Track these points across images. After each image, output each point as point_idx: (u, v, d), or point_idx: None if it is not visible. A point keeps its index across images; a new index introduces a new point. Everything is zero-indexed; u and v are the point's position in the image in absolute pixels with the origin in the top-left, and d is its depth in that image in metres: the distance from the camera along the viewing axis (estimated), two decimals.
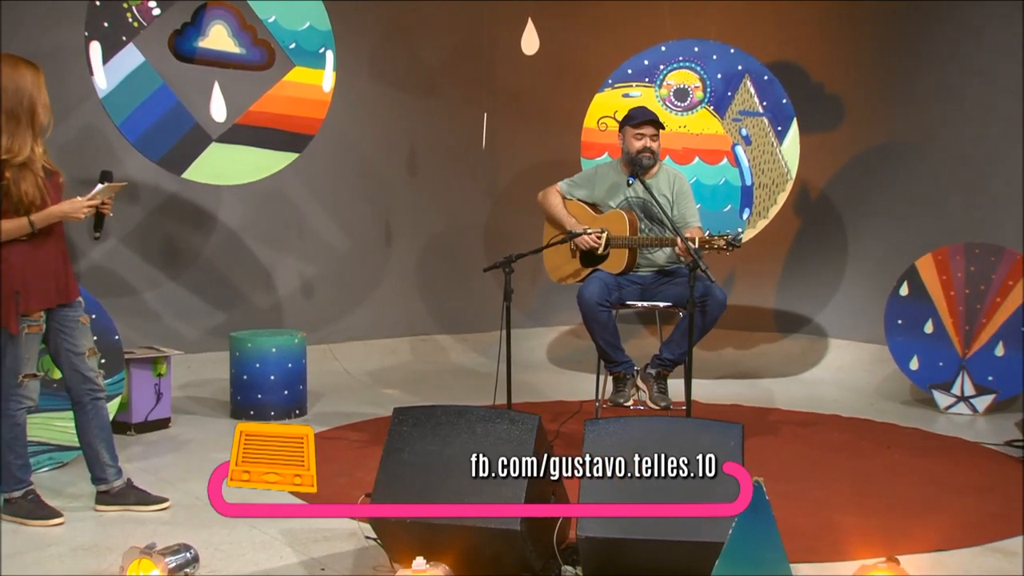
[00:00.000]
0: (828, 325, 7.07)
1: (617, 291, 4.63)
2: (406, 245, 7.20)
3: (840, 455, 4.65)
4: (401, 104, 7.07)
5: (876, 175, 6.85)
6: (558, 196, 4.94)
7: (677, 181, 4.86)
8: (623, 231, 4.67)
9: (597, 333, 4.55)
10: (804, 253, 7.22)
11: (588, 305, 4.50)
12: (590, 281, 4.58)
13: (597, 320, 4.52)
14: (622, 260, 4.67)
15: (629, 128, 4.81)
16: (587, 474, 2.91)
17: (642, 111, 4.88)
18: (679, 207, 4.80)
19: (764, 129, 6.14)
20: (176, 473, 4.19)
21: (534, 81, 7.47)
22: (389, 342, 7.03)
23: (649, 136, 4.77)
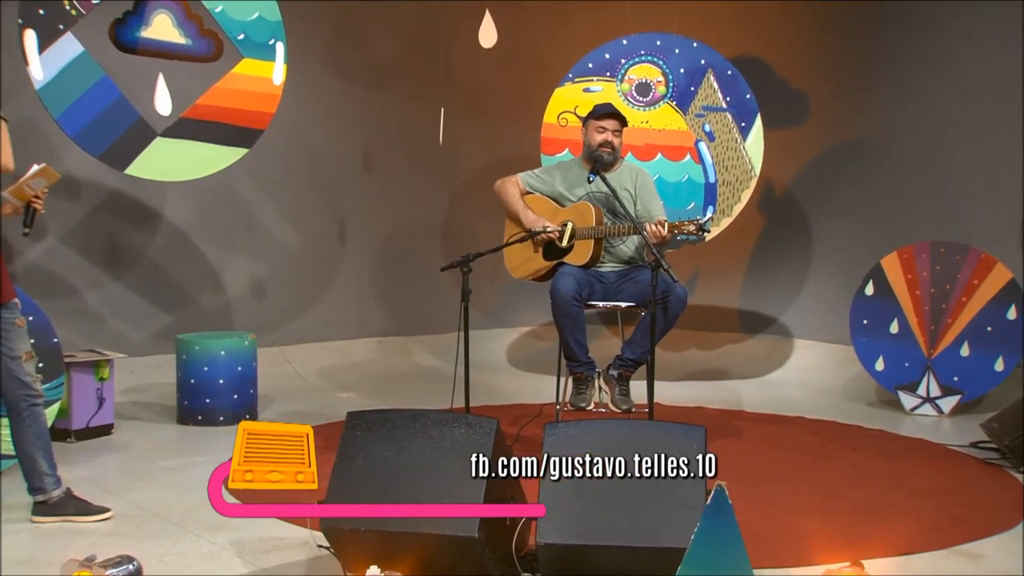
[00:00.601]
0: (793, 325, 7.13)
1: (588, 287, 4.64)
2: (361, 244, 7.17)
3: (805, 457, 4.69)
4: (355, 98, 7.03)
5: (841, 172, 6.93)
6: (516, 188, 4.92)
7: (640, 176, 4.89)
8: (589, 221, 4.69)
9: (567, 329, 4.54)
10: (769, 252, 7.28)
11: (563, 299, 4.48)
12: (563, 275, 4.57)
13: (569, 315, 4.51)
14: (587, 251, 4.68)
15: (592, 121, 4.84)
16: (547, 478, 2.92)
17: (606, 106, 4.93)
18: (643, 201, 4.82)
19: (728, 125, 6.18)
20: (119, 482, 4.13)
21: (492, 75, 7.46)
22: (343, 344, 6.99)
23: (611, 131, 4.80)
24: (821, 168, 7.03)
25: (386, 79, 7.20)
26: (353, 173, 7.10)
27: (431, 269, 5.92)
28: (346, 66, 6.98)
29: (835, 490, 4.14)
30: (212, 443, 4.83)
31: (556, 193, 4.90)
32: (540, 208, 4.87)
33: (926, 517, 3.78)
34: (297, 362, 6.63)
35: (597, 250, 4.70)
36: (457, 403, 4.37)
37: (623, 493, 2.94)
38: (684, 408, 5.74)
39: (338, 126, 7.00)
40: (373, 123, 7.14)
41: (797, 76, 7.05)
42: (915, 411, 5.75)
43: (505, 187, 4.94)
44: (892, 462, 4.63)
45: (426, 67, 7.25)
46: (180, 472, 4.31)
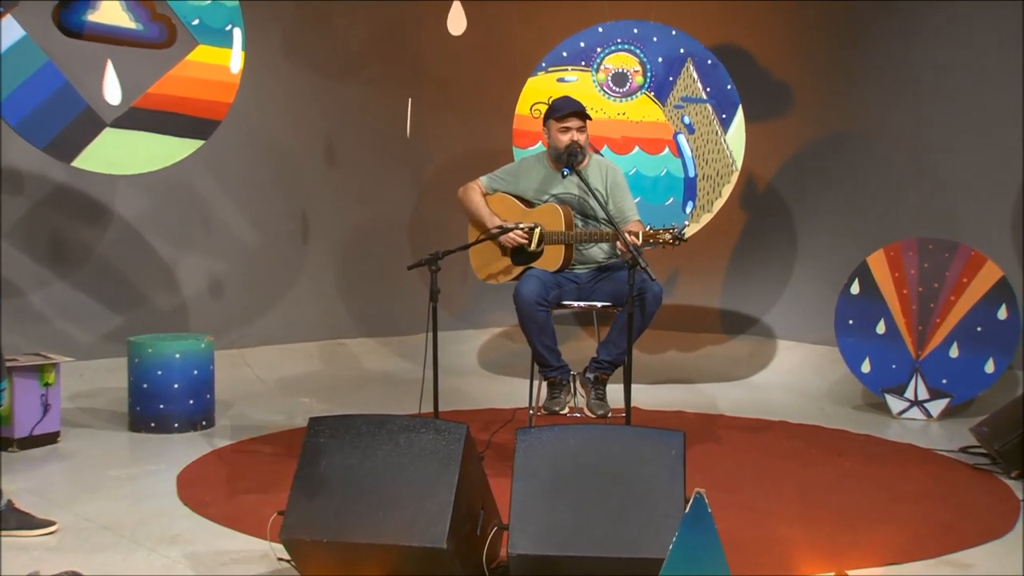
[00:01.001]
0: (776, 326, 7.17)
1: (555, 289, 4.63)
2: (324, 241, 7.14)
3: (788, 463, 4.71)
4: (318, 88, 7.00)
5: (826, 166, 6.97)
6: (479, 192, 4.90)
7: (610, 173, 4.85)
8: (558, 225, 4.67)
9: (534, 335, 4.55)
10: (751, 249, 7.31)
11: (526, 304, 4.49)
12: (527, 279, 4.58)
13: (535, 321, 4.52)
14: (558, 257, 4.68)
15: (553, 122, 4.78)
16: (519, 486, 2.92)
17: (565, 101, 4.83)
18: (615, 200, 4.81)
19: (708, 117, 6.21)
20: (65, 493, 4.09)
21: (462, 64, 7.45)
22: (306, 346, 6.97)
23: (576, 129, 4.74)
24: (805, 162, 7.07)
25: (350, 68, 7.17)
26: (316, 167, 7.07)
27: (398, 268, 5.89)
28: (308, 54, 6.94)
29: (820, 497, 4.16)
30: (166, 451, 4.79)
31: (521, 193, 4.88)
32: (504, 208, 4.85)
33: (914, 525, 3.80)
34: (257, 365, 6.59)
35: (568, 255, 4.70)
36: (425, 408, 4.36)
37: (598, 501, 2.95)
38: (662, 412, 5.75)
39: (300, 117, 6.97)
40: (337, 114, 7.12)
41: (780, 66, 7.08)
42: (903, 415, 5.79)
43: (467, 193, 4.92)
44: (879, 468, 4.66)
45: (393, 55, 7.22)
46: (131, 482, 4.27)
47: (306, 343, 6.99)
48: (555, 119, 4.77)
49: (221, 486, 4.20)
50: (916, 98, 6.53)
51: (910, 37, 6.54)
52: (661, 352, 7.08)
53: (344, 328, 7.22)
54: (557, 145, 4.77)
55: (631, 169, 6.08)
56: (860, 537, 3.64)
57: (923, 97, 6.51)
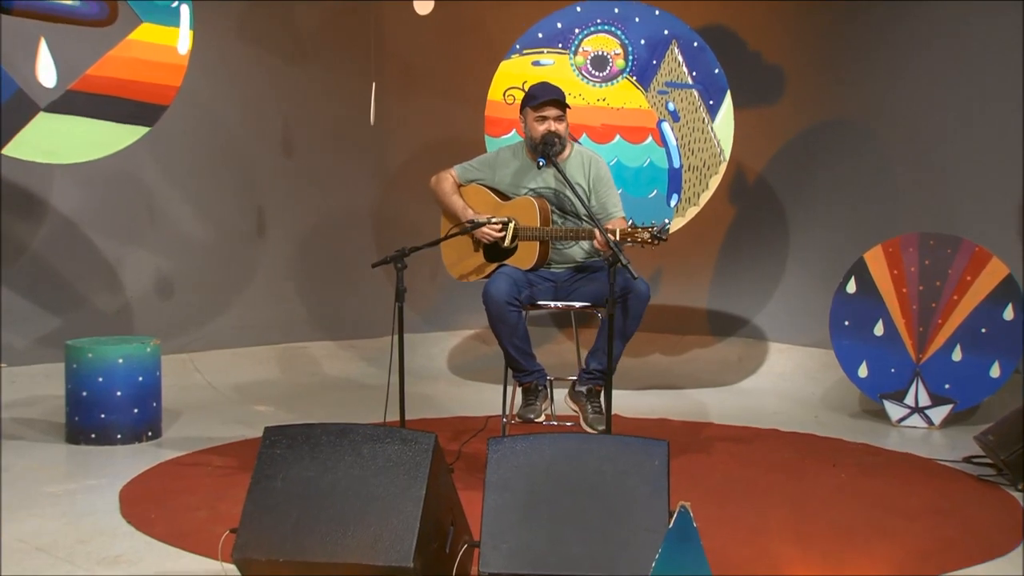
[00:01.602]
0: (767, 327, 7.19)
1: (528, 288, 4.63)
2: (281, 236, 7.12)
3: (779, 475, 4.73)
4: (273, 70, 6.97)
5: (820, 157, 6.99)
6: (452, 183, 4.92)
7: (593, 165, 4.85)
8: (533, 220, 4.67)
9: (505, 337, 4.56)
10: (740, 245, 7.33)
11: (495, 304, 4.49)
12: (496, 277, 4.58)
13: (505, 322, 4.52)
14: (532, 254, 4.68)
15: (529, 111, 4.78)
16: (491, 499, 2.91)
17: (543, 88, 4.83)
18: (597, 195, 4.81)
19: (694, 103, 6.22)
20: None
21: (430, 46, 7.43)
22: (261, 350, 6.94)
23: (553, 118, 4.74)
24: (798, 152, 7.09)
25: (309, 49, 7.14)
26: (272, 156, 7.05)
27: (361, 265, 5.90)
28: (263, 34, 6.91)
29: (813, 511, 4.17)
30: (107, 465, 4.75)
31: (496, 185, 4.89)
32: (478, 201, 4.86)
33: (915, 540, 3.82)
34: (208, 371, 6.57)
35: (544, 252, 4.70)
36: (391, 416, 4.36)
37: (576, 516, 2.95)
38: (645, 420, 5.76)
39: (254, 102, 6.94)
40: (294, 99, 7.09)
41: (772, 49, 7.11)
42: (902, 422, 5.82)
43: (439, 184, 4.93)
44: (877, 479, 4.68)
45: (355, 36, 7.20)
46: (70, 499, 4.24)
47: (262, 347, 6.96)
48: (531, 107, 4.77)
49: (168, 502, 4.17)
50: (918, 83, 6.56)
51: (912, 19, 6.57)
52: (644, 356, 7.09)
53: (303, 331, 7.20)
54: (533, 135, 4.76)
55: (611, 159, 6.09)
56: (856, 554, 3.65)
57: (925, 82, 6.53)
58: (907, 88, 6.60)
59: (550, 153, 4.70)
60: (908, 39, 6.59)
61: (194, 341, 6.67)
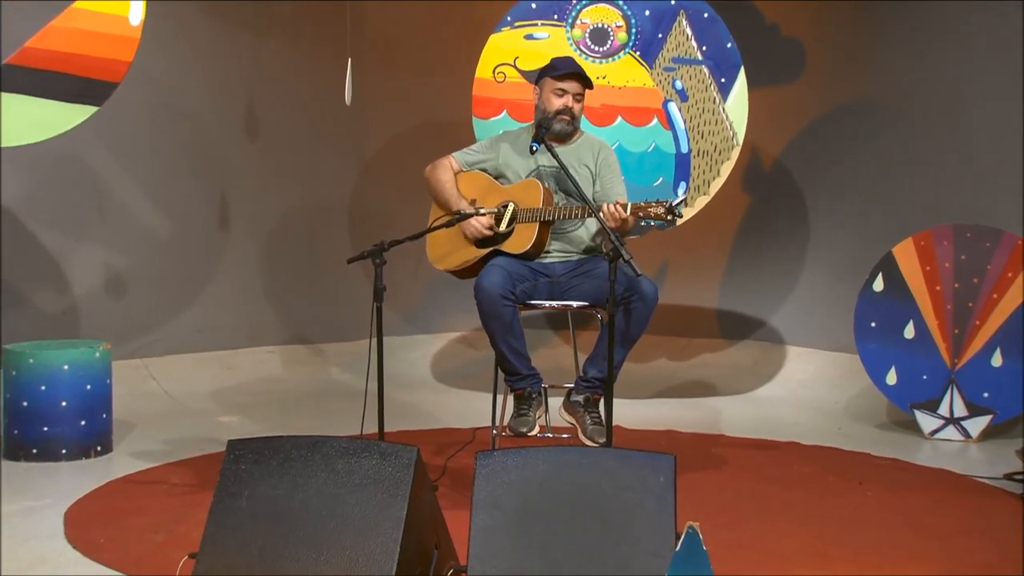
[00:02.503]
0: (785, 329, 7.20)
1: (524, 282, 4.64)
2: (247, 228, 7.11)
3: (799, 493, 4.73)
4: (238, 44, 6.97)
5: (844, 141, 7.00)
6: (449, 170, 4.96)
7: (603, 151, 4.93)
8: (535, 202, 4.69)
9: (499, 335, 4.57)
10: (755, 239, 7.34)
11: (489, 298, 4.50)
12: (489, 269, 4.59)
13: (500, 318, 4.53)
14: (528, 237, 4.69)
15: (549, 80, 4.85)
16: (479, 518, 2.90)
17: (567, 62, 4.94)
18: (603, 181, 4.87)
19: (704, 81, 6.22)
20: None
21: (412, 18, 7.43)
22: (224, 355, 6.95)
23: (573, 95, 4.83)
24: (819, 135, 7.10)
25: (278, 21, 7.13)
26: (236, 140, 7.04)
27: (336, 261, 5.88)
28: (226, 3, 6.90)
29: (836, 533, 4.17)
30: (51, 483, 4.73)
31: (500, 168, 4.92)
32: (473, 186, 4.88)
33: (949, 566, 3.81)
34: (165, 378, 6.56)
35: (543, 235, 4.71)
36: (369, 428, 4.35)
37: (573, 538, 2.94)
38: (650, 432, 5.76)
39: (216, 80, 6.93)
40: (261, 76, 7.09)
41: (790, 21, 7.11)
42: (936, 435, 5.82)
43: (435, 171, 4.98)
44: (907, 498, 4.68)
45: (328, 7, 7.19)
46: (8, 521, 4.21)
47: (225, 351, 6.97)
48: (552, 77, 4.84)
49: (119, 525, 4.15)
50: (952, 60, 6.56)
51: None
52: (649, 360, 7.09)
53: (271, 333, 7.20)
54: (547, 108, 4.84)
55: (613, 143, 6.06)
56: None
57: (960, 59, 6.52)
58: (940, 65, 6.60)
59: (550, 130, 4.76)
60: (941, 12, 6.58)
61: (149, 345, 6.66)
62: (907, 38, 6.73)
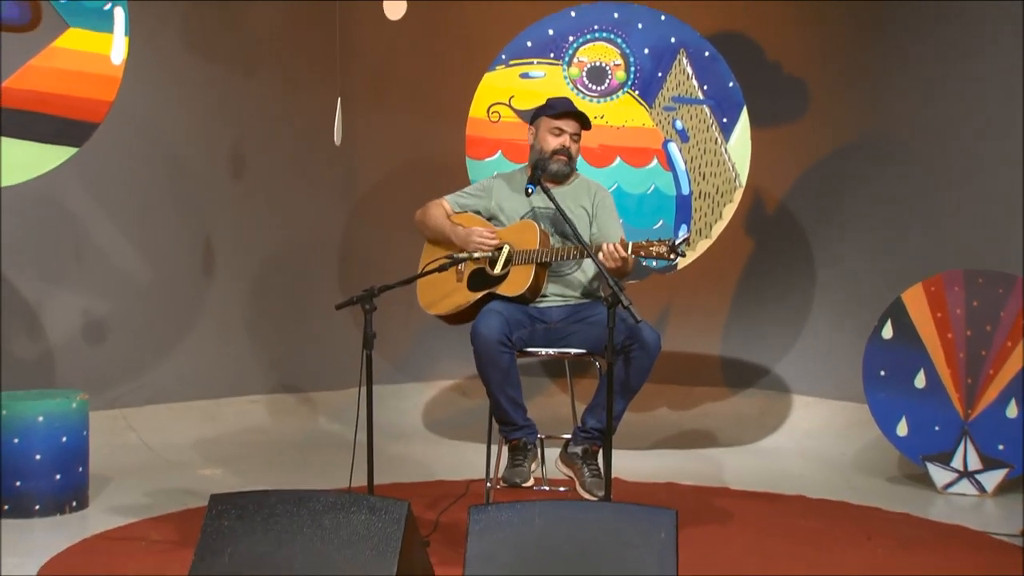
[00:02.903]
0: (791, 378, 7.19)
1: (522, 328, 4.65)
2: (231, 273, 7.11)
3: (806, 548, 4.71)
4: (223, 82, 6.99)
5: (851, 182, 7.01)
6: (442, 208, 5.02)
7: (599, 193, 5.00)
8: (532, 244, 4.72)
9: (495, 383, 4.57)
10: (759, 283, 7.34)
11: (486, 344, 4.52)
12: (486, 314, 4.61)
13: (497, 365, 4.54)
14: (524, 279, 4.71)
15: (546, 119, 4.94)
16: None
17: (565, 101, 5.02)
18: (600, 223, 4.92)
19: (705, 121, 6.25)
20: None
21: (403, 56, 7.45)
22: (207, 405, 6.92)
23: (570, 134, 4.90)
24: (825, 175, 7.12)
25: (264, 57, 7.16)
26: (221, 180, 7.04)
27: (324, 307, 5.88)
28: (211, 40, 6.93)
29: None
30: (24, 541, 4.71)
31: (494, 211, 4.97)
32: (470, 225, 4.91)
33: None
34: (144, 429, 6.54)
35: (539, 278, 4.74)
36: (358, 480, 4.34)
37: None
38: (650, 484, 5.75)
39: (200, 118, 6.95)
40: (247, 115, 7.10)
41: (793, 59, 7.15)
42: (949, 489, 5.81)
43: (428, 211, 5.04)
44: (919, 555, 4.67)
45: (318, 43, 7.21)
46: None
47: (207, 401, 6.95)
48: (549, 116, 4.92)
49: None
50: (963, 96, 6.57)
51: (956, 21, 6.56)
52: (649, 410, 7.07)
53: (256, 382, 7.18)
54: (543, 147, 4.91)
55: (611, 185, 6.10)
56: None
57: (972, 95, 6.53)
58: (951, 102, 6.62)
59: (547, 171, 4.80)
60: (952, 45, 6.59)
61: (128, 394, 6.64)
62: (915, 72, 6.76)
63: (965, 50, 6.55)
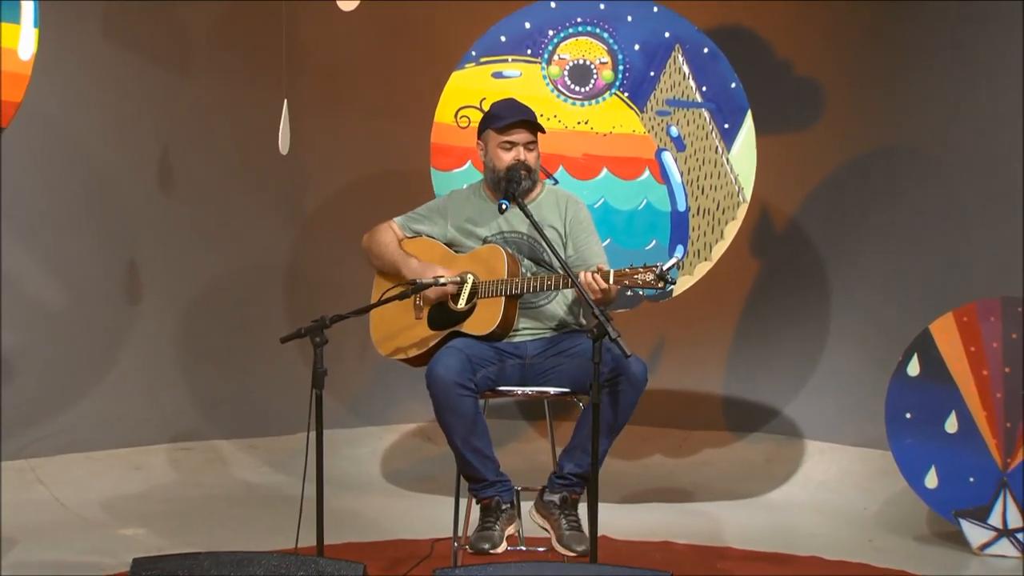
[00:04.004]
0: (803, 420, 7.19)
1: (486, 367, 4.63)
2: (160, 301, 7.10)
3: None
4: (152, 82, 6.99)
5: (870, 197, 7.04)
6: (391, 233, 4.99)
7: (570, 207, 4.95)
8: (498, 272, 4.69)
9: (457, 433, 4.57)
10: (766, 312, 7.36)
11: (443, 387, 4.51)
12: (445, 352, 4.60)
13: (456, 412, 4.53)
14: (493, 315, 4.69)
15: (492, 133, 4.88)
16: None
17: (510, 106, 4.94)
18: (575, 242, 4.89)
19: (704, 128, 6.26)
20: None
21: (360, 52, 7.47)
22: (130, 453, 6.91)
23: (524, 144, 4.84)
24: (841, 190, 7.14)
25: (197, 52, 7.16)
26: (148, 194, 7.04)
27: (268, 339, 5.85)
28: (137, 34, 6.93)
29: None
30: None
31: (452, 235, 4.96)
32: (422, 255, 4.88)
33: None
34: (56, 482, 6.52)
35: (510, 312, 4.72)
36: (306, 540, 4.33)
37: None
38: (642, 543, 5.75)
39: (125, 123, 6.95)
40: (177, 119, 7.11)
41: (804, 56, 7.18)
42: (986, 549, 5.80)
43: (375, 237, 5.01)
44: None
45: (261, 39, 7.21)
46: None
47: (131, 449, 6.93)
48: (495, 130, 4.85)
49: None
50: (996, 101, 6.60)
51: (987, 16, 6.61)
52: (641, 457, 7.07)
53: (188, 427, 7.17)
54: (496, 166, 4.86)
55: (597, 200, 6.10)
56: None
57: (1006, 99, 6.56)
58: (983, 106, 6.66)
59: (515, 191, 4.75)
60: (983, 42, 6.64)
61: (38, 442, 6.62)
62: (943, 76, 6.78)
63: (999, 50, 6.57)
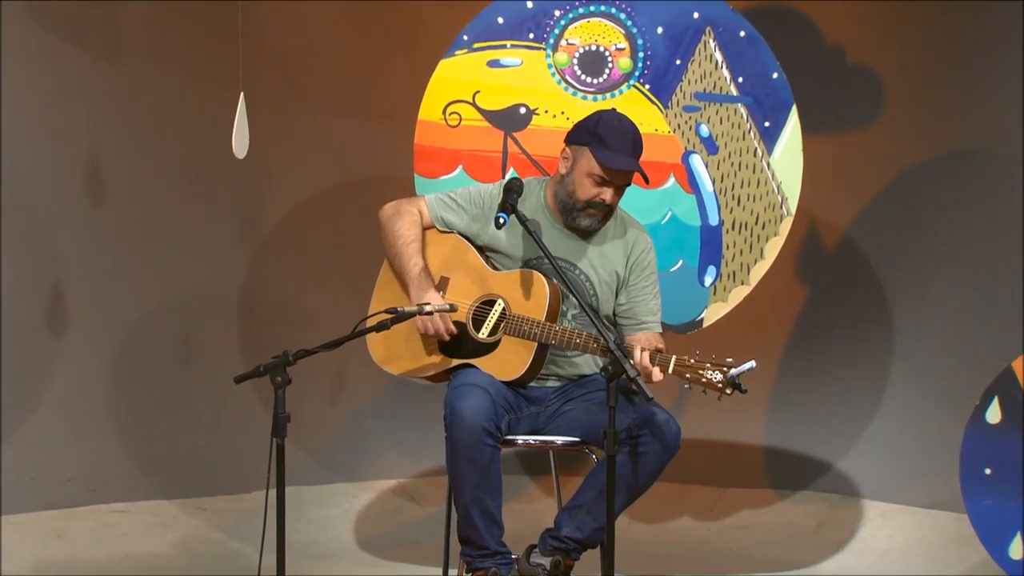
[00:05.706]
0: (861, 477, 7.18)
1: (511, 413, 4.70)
2: (90, 333, 7.09)
3: None
4: (80, 73, 6.99)
5: (939, 208, 7.04)
6: (415, 223, 4.96)
7: (637, 245, 4.99)
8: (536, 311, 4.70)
9: (469, 486, 4.58)
10: (815, 347, 7.36)
11: (469, 432, 4.52)
12: (469, 392, 4.59)
13: (476, 462, 4.55)
14: (521, 361, 4.71)
15: (590, 157, 4.80)
16: None
17: (624, 136, 4.83)
18: (630, 291, 4.93)
19: (741, 126, 6.26)
20: None
21: (329, 39, 7.47)
22: (53, 517, 6.88)
23: (616, 187, 4.81)
24: (904, 201, 7.15)
25: (134, 36, 7.15)
26: (73, 205, 7.02)
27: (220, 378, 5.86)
28: (63, 16, 6.93)
29: None
30: None
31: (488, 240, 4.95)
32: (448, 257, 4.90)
33: None
34: None
35: (539, 362, 4.74)
36: None
37: None
38: None
39: (47, 121, 6.95)
40: (109, 115, 7.10)
41: (860, 42, 7.19)
42: None
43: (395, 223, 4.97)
44: None
45: (213, 23, 7.24)
46: None
47: (53, 512, 6.90)
48: (598, 157, 4.78)
49: None
50: None
51: None
52: (665, 520, 7.07)
53: (123, 484, 7.15)
54: (576, 191, 4.84)
55: None
56: None
57: None
58: None
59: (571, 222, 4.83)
60: None
61: None
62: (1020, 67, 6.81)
63: None
